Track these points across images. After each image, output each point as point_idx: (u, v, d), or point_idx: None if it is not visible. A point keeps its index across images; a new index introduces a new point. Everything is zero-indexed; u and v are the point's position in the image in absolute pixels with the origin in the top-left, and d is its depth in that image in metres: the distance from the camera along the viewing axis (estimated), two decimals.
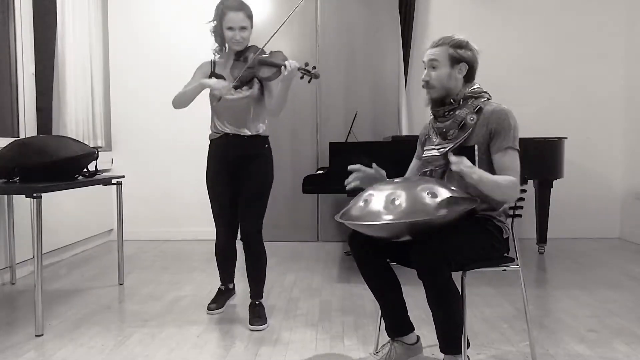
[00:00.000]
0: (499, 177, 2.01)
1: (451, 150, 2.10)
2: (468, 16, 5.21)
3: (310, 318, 2.91)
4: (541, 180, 4.28)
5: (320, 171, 4.09)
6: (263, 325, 2.75)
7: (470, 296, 3.23)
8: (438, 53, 2.14)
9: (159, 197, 5.28)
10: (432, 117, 2.23)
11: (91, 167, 3.26)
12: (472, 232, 2.03)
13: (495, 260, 2.12)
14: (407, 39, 5.16)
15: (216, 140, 2.85)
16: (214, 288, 3.23)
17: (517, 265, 2.13)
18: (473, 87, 2.16)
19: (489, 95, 2.17)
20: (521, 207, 2.17)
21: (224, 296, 3.11)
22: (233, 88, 2.72)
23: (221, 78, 2.76)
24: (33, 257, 2.82)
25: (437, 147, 2.18)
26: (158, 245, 5.09)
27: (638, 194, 4.95)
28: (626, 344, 2.48)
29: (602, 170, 5.27)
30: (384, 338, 2.26)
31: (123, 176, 3.63)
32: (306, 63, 2.64)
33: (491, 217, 2.11)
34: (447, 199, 1.88)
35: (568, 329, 2.69)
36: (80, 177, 3.20)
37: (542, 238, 4.44)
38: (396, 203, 1.87)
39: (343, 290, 3.46)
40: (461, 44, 2.14)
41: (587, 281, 3.61)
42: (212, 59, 2.88)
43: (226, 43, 2.80)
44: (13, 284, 3.61)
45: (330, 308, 3.08)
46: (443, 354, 2.02)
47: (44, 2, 4.46)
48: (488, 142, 2.07)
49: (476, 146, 2.06)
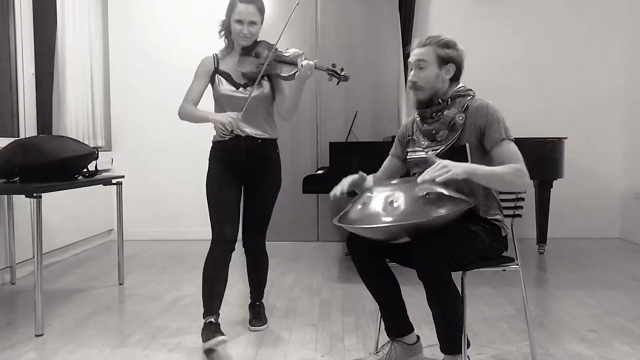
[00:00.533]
0: (498, 167, 1.95)
1: (442, 152, 2.06)
2: (468, 16, 5.21)
3: (310, 318, 2.91)
4: (541, 180, 4.28)
5: (320, 171, 4.10)
6: (263, 325, 2.75)
7: (470, 296, 3.23)
8: (425, 53, 2.08)
9: (159, 197, 5.28)
10: (419, 119, 2.19)
11: (91, 167, 3.26)
12: (471, 232, 2.02)
13: (495, 260, 2.12)
14: (407, 39, 5.15)
15: (225, 142, 2.56)
16: None
17: (517, 265, 2.12)
18: (458, 87, 2.12)
19: (474, 92, 2.14)
20: (521, 207, 2.17)
21: (217, 328, 2.46)
22: (242, 86, 2.57)
23: (226, 75, 2.59)
24: (33, 257, 2.81)
25: (426, 150, 2.14)
26: (158, 245, 5.09)
27: (638, 194, 4.95)
28: (626, 344, 2.48)
29: (602, 170, 5.27)
30: (384, 338, 2.26)
31: (123, 176, 3.63)
32: (333, 64, 2.53)
33: (488, 218, 2.11)
34: (445, 200, 1.88)
35: (568, 329, 2.69)
36: (80, 177, 3.20)
37: (542, 238, 4.44)
38: (395, 205, 1.87)
39: (343, 290, 3.46)
40: (449, 44, 2.09)
41: (587, 281, 3.61)
42: (215, 54, 2.66)
43: (233, 38, 2.60)
44: (13, 284, 3.61)
45: (330, 308, 3.08)
46: (443, 354, 2.02)
47: (44, 2, 4.46)
48: (479, 139, 2.04)
49: (467, 145, 2.05)
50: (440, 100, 2.10)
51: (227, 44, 2.64)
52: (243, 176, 2.63)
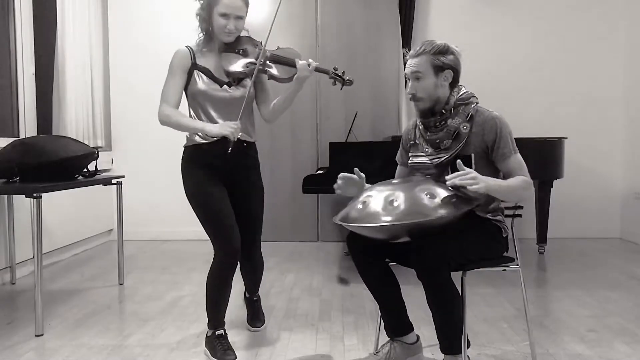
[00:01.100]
0: (511, 183, 1.99)
1: (447, 160, 2.07)
2: (468, 16, 5.20)
3: (310, 318, 2.91)
4: (541, 180, 4.28)
5: (320, 171, 4.10)
6: (262, 325, 2.74)
7: (470, 296, 3.23)
8: (420, 63, 2.06)
9: (159, 197, 5.27)
10: (422, 126, 2.18)
11: (91, 167, 3.26)
12: (472, 232, 2.03)
13: (495, 260, 2.12)
14: (407, 39, 5.15)
15: (207, 146, 2.36)
16: None
17: (517, 265, 2.12)
18: (461, 93, 2.10)
19: (477, 98, 2.12)
20: (521, 207, 2.17)
21: (228, 343, 2.38)
22: (226, 85, 2.38)
23: (205, 70, 2.37)
24: (33, 257, 2.81)
25: (430, 157, 2.14)
26: (158, 245, 5.09)
27: (638, 194, 4.95)
28: (626, 344, 2.48)
29: (602, 170, 5.27)
30: (384, 338, 2.26)
31: (123, 176, 3.63)
32: (335, 67, 2.41)
33: (488, 219, 2.11)
34: (446, 200, 1.88)
35: (568, 329, 2.68)
36: (80, 177, 3.20)
37: (542, 238, 4.43)
38: (395, 204, 1.87)
39: (343, 290, 3.46)
40: (442, 50, 2.06)
41: (587, 281, 3.61)
42: (189, 47, 2.41)
43: (213, 31, 2.36)
44: (13, 284, 3.61)
45: (330, 308, 3.08)
46: (443, 354, 2.02)
47: (44, 2, 4.46)
48: (484, 150, 2.05)
49: (473, 155, 2.06)
50: (443, 110, 2.09)
51: (205, 38, 2.41)
52: (228, 182, 2.43)
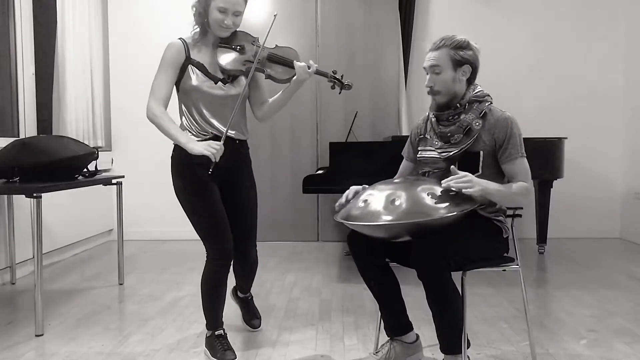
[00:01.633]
0: (509, 188, 2.01)
1: (455, 155, 2.08)
2: (468, 16, 5.20)
3: (310, 318, 2.91)
4: (541, 180, 4.28)
5: (320, 171, 4.09)
6: (260, 322, 2.75)
7: (470, 296, 3.23)
8: (439, 57, 2.07)
9: (159, 197, 5.27)
10: (434, 119, 2.19)
11: (91, 167, 3.26)
12: (472, 232, 2.02)
13: (495, 260, 2.12)
14: (407, 39, 5.16)
15: (200, 142, 2.30)
16: None
17: (517, 265, 2.12)
18: (476, 91, 2.12)
19: (491, 98, 2.14)
20: (521, 207, 2.16)
21: (228, 343, 2.37)
22: (221, 82, 2.32)
23: (199, 65, 2.31)
24: (33, 257, 2.81)
25: (439, 150, 2.14)
26: (158, 245, 5.09)
27: (638, 194, 4.95)
28: (626, 344, 2.48)
29: (602, 170, 5.27)
30: (384, 338, 2.26)
31: (123, 176, 3.63)
32: (334, 71, 2.40)
33: (490, 218, 2.12)
34: (447, 200, 1.88)
35: (568, 329, 2.69)
36: (80, 177, 3.20)
37: (542, 238, 4.44)
38: (396, 203, 1.87)
39: (343, 290, 3.46)
40: (462, 45, 2.07)
41: (587, 281, 3.61)
42: (182, 40, 2.35)
43: (209, 25, 2.30)
44: (13, 284, 3.61)
45: (330, 308, 3.08)
46: (443, 354, 2.02)
47: (44, 2, 4.46)
48: (493, 149, 2.06)
49: (482, 152, 2.06)
50: (458, 104, 2.09)
51: (200, 31, 2.35)
52: (220, 180, 2.38)
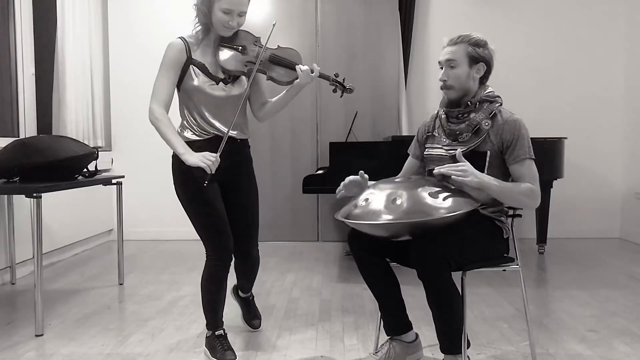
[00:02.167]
0: (511, 185, 2.01)
1: (463, 153, 2.07)
2: (468, 16, 5.20)
3: (310, 318, 2.91)
4: (541, 180, 4.27)
5: (320, 171, 4.09)
6: (260, 322, 2.75)
7: (470, 296, 3.23)
8: (456, 51, 2.08)
9: (159, 197, 5.27)
10: (444, 116, 2.18)
11: (91, 167, 3.26)
12: (472, 233, 2.03)
13: (495, 260, 2.12)
14: (407, 39, 5.16)
15: (200, 142, 2.33)
16: None
17: (517, 265, 2.13)
18: (488, 91, 2.13)
19: (501, 100, 2.14)
20: (521, 207, 2.17)
21: (228, 343, 2.37)
22: (222, 82, 2.32)
23: (200, 65, 2.30)
24: (33, 257, 2.81)
25: (446, 148, 2.14)
26: (158, 245, 5.09)
27: (638, 194, 4.95)
28: (626, 344, 2.48)
29: (602, 170, 5.27)
30: (384, 338, 2.26)
31: (123, 176, 3.63)
32: (336, 74, 2.41)
33: (491, 218, 2.12)
34: (448, 200, 1.88)
35: (568, 329, 2.69)
36: (80, 177, 3.20)
37: (542, 238, 4.44)
38: (397, 203, 1.87)
39: (343, 290, 3.46)
40: (480, 43, 2.09)
41: (587, 281, 3.61)
42: (183, 39, 2.34)
43: (212, 25, 2.29)
44: (13, 284, 3.61)
45: (330, 308, 3.08)
46: (443, 354, 2.02)
47: (44, 2, 4.46)
48: (500, 150, 2.06)
49: (488, 152, 2.06)
50: (469, 101, 2.10)
51: (202, 31, 2.34)
52: (222, 179, 2.36)
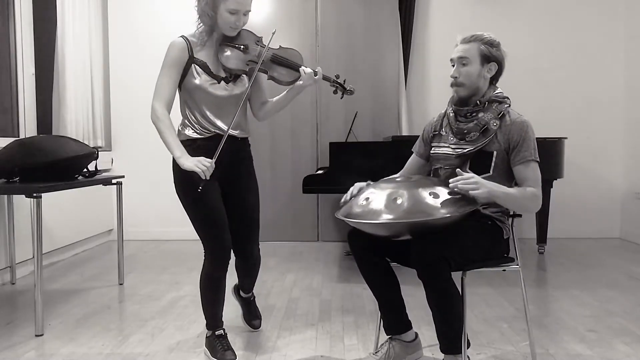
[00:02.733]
0: (516, 192, 2.01)
1: (469, 152, 2.09)
2: (468, 16, 5.20)
3: (310, 318, 2.91)
4: (542, 180, 4.27)
5: (320, 171, 4.09)
6: (260, 322, 2.75)
7: (470, 296, 3.23)
8: (469, 49, 2.09)
9: (159, 197, 5.27)
10: (452, 115, 2.18)
11: (91, 167, 3.26)
12: (473, 233, 2.03)
13: (495, 260, 2.12)
14: (407, 39, 5.16)
15: (201, 140, 2.33)
16: None
17: (517, 265, 2.13)
18: (497, 92, 2.13)
19: (510, 101, 2.15)
20: (524, 212, 2.16)
21: (228, 343, 2.37)
22: (224, 80, 2.31)
23: (202, 64, 2.29)
24: (33, 257, 2.81)
25: (453, 146, 2.15)
26: (158, 245, 5.09)
27: (638, 194, 4.95)
28: (626, 344, 2.48)
29: (602, 170, 5.27)
30: (384, 338, 2.26)
31: (123, 176, 3.63)
32: (337, 75, 2.42)
33: (492, 218, 2.12)
34: (449, 200, 1.88)
35: (568, 329, 2.69)
36: (80, 177, 3.20)
37: (542, 238, 4.44)
38: (398, 202, 1.87)
39: (343, 290, 3.46)
40: (493, 43, 2.11)
41: (587, 281, 3.61)
42: (185, 38, 2.33)
43: (217, 26, 2.28)
44: (13, 284, 3.61)
45: (330, 308, 3.08)
46: (443, 354, 2.02)
47: (44, 2, 4.46)
48: (506, 151, 2.07)
49: (495, 152, 2.06)
50: (478, 101, 2.10)
51: (205, 31, 2.32)
52: (222, 177, 2.35)
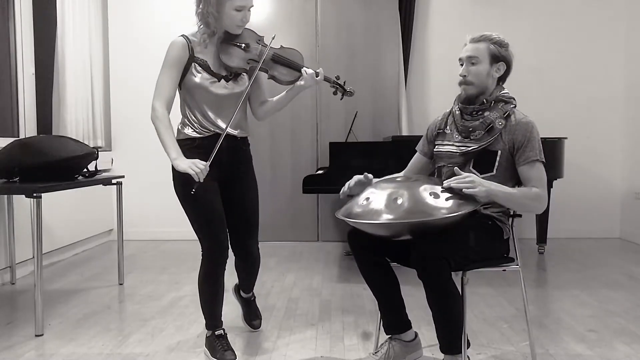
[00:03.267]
0: (517, 192, 2.01)
1: (474, 151, 2.09)
2: (468, 16, 5.20)
3: (310, 318, 2.91)
4: None
5: (320, 171, 4.09)
6: (260, 322, 2.75)
7: (470, 296, 3.23)
8: (478, 48, 2.10)
9: (159, 197, 5.27)
10: (458, 113, 2.19)
11: (91, 167, 3.26)
12: (473, 233, 2.02)
13: (495, 260, 2.12)
14: (407, 39, 5.16)
15: (200, 139, 2.32)
16: None
17: (517, 265, 2.13)
18: (504, 92, 2.14)
19: (516, 102, 2.15)
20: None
21: (228, 343, 2.38)
22: (224, 79, 2.32)
23: (203, 63, 2.30)
24: (33, 257, 2.82)
25: (458, 144, 2.15)
26: (158, 245, 5.09)
27: (638, 194, 4.95)
28: (626, 344, 2.48)
29: (602, 170, 5.27)
30: (384, 338, 2.26)
31: (123, 176, 3.63)
32: (337, 76, 2.42)
33: (492, 218, 2.12)
34: (449, 200, 1.88)
35: (568, 329, 2.69)
36: (80, 177, 3.20)
37: (542, 238, 4.44)
38: (398, 202, 1.87)
39: (343, 290, 3.46)
40: (502, 43, 2.12)
41: (587, 281, 3.61)
42: (186, 37, 2.33)
43: (223, 25, 2.29)
44: (13, 284, 3.61)
45: (330, 308, 3.08)
46: (443, 354, 2.02)
47: (44, 2, 4.46)
48: (510, 151, 2.07)
49: (499, 152, 2.07)
50: (485, 100, 2.11)
51: (207, 31, 2.30)
52: (222, 176, 2.37)
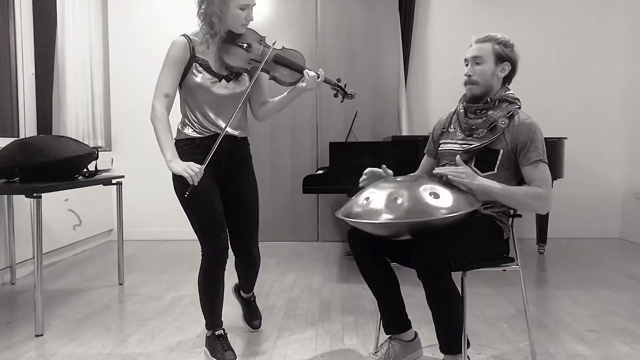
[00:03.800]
0: (516, 190, 2.02)
1: (476, 149, 2.09)
2: (468, 16, 5.20)
3: (310, 318, 2.91)
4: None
5: (320, 171, 4.09)
6: (260, 322, 2.75)
7: (470, 296, 3.23)
8: (483, 48, 2.12)
9: (159, 197, 5.27)
10: (463, 111, 2.20)
11: (91, 167, 3.26)
12: (473, 233, 2.02)
13: (495, 260, 2.12)
14: (407, 39, 5.16)
15: (200, 140, 2.31)
16: None
17: (517, 265, 2.13)
18: (508, 92, 2.15)
19: (520, 102, 2.16)
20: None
21: (228, 343, 2.38)
22: (225, 79, 2.32)
23: (204, 62, 2.29)
24: (33, 257, 2.81)
25: (460, 142, 2.16)
26: (158, 245, 5.09)
27: (638, 194, 4.95)
28: (626, 344, 2.48)
29: (602, 170, 5.27)
30: (384, 338, 2.26)
31: (123, 176, 3.63)
32: (338, 79, 2.41)
33: (492, 218, 2.12)
34: (449, 200, 1.88)
35: (568, 329, 2.69)
36: (80, 177, 3.20)
37: (542, 238, 4.44)
38: (398, 202, 1.87)
39: (343, 290, 3.46)
40: (507, 43, 2.14)
41: (587, 281, 3.61)
42: (187, 36, 2.32)
43: (227, 25, 2.29)
44: (13, 284, 3.61)
45: (330, 308, 3.08)
46: (443, 354, 2.02)
47: (44, 2, 4.46)
48: (512, 151, 2.07)
49: (501, 151, 2.07)
50: (489, 99, 2.13)
51: (209, 31, 2.28)
52: (222, 176, 2.37)
